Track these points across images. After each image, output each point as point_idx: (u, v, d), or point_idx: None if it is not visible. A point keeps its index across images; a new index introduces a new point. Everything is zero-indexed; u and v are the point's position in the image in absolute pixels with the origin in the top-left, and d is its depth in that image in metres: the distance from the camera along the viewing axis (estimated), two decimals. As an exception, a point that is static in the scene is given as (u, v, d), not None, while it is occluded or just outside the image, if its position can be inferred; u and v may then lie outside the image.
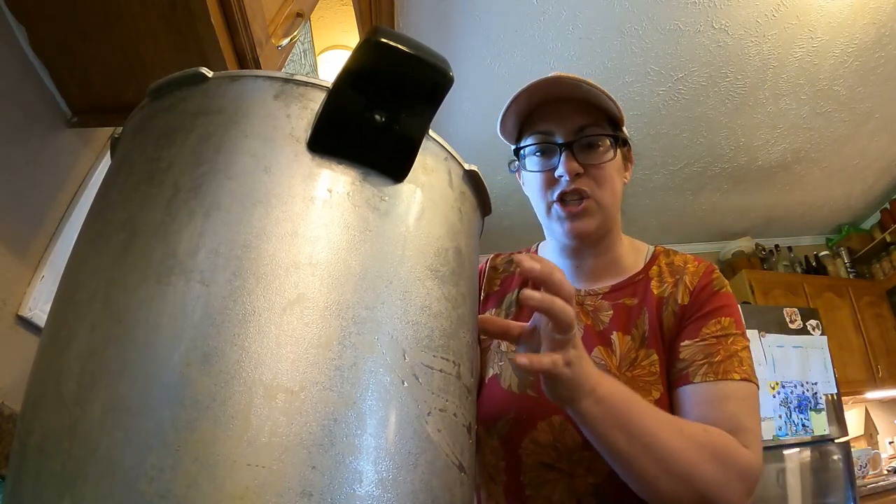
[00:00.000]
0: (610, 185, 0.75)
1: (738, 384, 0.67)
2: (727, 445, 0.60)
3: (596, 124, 0.74)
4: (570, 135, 0.74)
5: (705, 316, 0.72)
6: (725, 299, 0.74)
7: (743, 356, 0.69)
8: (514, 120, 0.78)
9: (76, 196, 0.97)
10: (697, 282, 0.75)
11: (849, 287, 3.68)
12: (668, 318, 0.74)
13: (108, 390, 0.28)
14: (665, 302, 0.75)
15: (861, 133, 3.06)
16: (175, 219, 0.32)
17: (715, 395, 0.67)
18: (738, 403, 0.66)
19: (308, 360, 0.29)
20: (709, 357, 0.69)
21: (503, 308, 0.84)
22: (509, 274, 0.87)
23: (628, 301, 0.76)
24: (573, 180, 0.73)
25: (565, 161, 0.72)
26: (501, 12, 2.20)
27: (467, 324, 0.40)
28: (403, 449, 0.31)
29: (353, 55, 0.35)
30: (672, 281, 0.77)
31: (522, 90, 0.73)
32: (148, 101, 0.41)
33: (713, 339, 0.70)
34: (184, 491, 0.26)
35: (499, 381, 0.77)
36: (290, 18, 0.98)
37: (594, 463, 0.68)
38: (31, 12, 0.79)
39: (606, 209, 0.75)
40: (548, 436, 0.71)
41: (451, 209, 0.41)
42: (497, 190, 3.55)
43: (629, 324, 0.75)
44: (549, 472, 0.70)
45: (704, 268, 0.77)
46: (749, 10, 2.23)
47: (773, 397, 2.64)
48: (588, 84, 0.71)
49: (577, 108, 0.74)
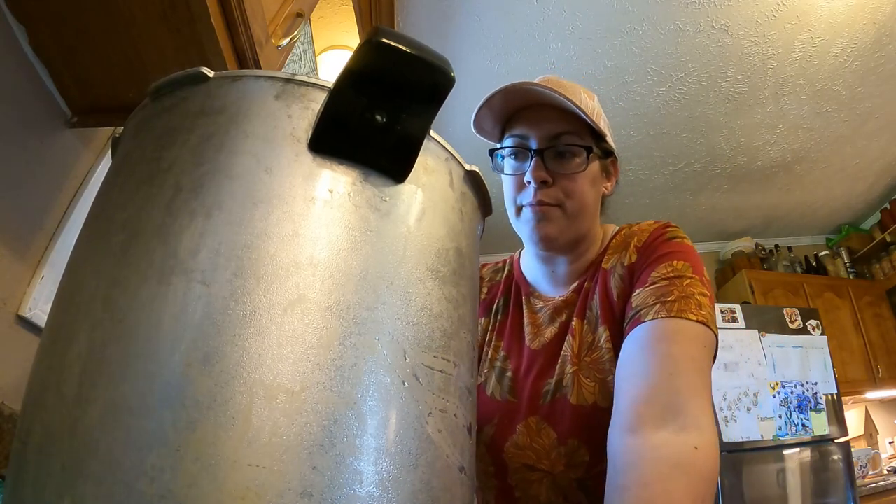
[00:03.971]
0: (579, 195, 0.72)
1: (695, 326, 0.60)
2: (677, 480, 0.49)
3: (574, 133, 0.72)
4: (545, 141, 0.72)
5: (655, 261, 0.68)
6: (679, 246, 0.69)
7: (702, 301, 0.63)
8: (492, 121, 0.77)
9: (76, 196, 0.97)
10: (646, 238, 0.72)
11: (849, 287, 3.69)
12: (616, 286, 0.70)
13: (109, 390, 0.28)
14: (612, 271, 0.73)
15: (861, 133, 3.06)
16: (176, 219, 0.32)
17: (666, 331, 0.60)
18: (690, 357, 0.58)
19: (309, 360, 0.29)
20: (661, 298, 0.63)
21: (490, 317, 0.85)
22: (496, 283, 0.89)
23: (587, 284, 0.76)
24: (539, 188, 0.72)
25: (533, 168, 0.71)
26: (501, 12, 2.20)
27: (468, 324, 0.40)
28: (404, 449, 0.31)
29: (355, 55, 0.35)
30: (622, 247, 0.74)
31: (495, 93, 0.72)
32: (149, 101, 0.41)
33: (664, 280, 0.65)
34: (184, 491, 0.26)
35: (484, 389, 0.78)
36: (290, 18, 0.98)
37: (572, 458, 0.69)
38: (31, 12, 0.79)
39: (574, 218, 0.73)
40: (525, 437, 0.72)
41: (452, 210, 0.41)
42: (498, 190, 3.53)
43: (584, 307, 0.74)
44: (533, 472, 0.71)
45: (658, 226, 0.74)
46: (749, 10, 2.23)
47: (773, 397, 2.64)
48: (561, 94, 0.69)
49: (558, 115, 0.72)
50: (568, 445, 0.69)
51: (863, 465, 3.06)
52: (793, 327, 2.88)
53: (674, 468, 0.50)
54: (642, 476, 0.50)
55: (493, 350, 0.81)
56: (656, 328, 0.61)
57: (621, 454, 0.54)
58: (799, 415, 2.65)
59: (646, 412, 0.55)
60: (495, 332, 0.83)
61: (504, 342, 0.81)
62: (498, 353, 0.80)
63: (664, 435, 0.52)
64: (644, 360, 0.60)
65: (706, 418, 0.54)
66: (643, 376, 0.58)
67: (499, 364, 0.79)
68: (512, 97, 0.73)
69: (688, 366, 0.57)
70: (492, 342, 0.82)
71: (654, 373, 0.57)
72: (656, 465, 0.50)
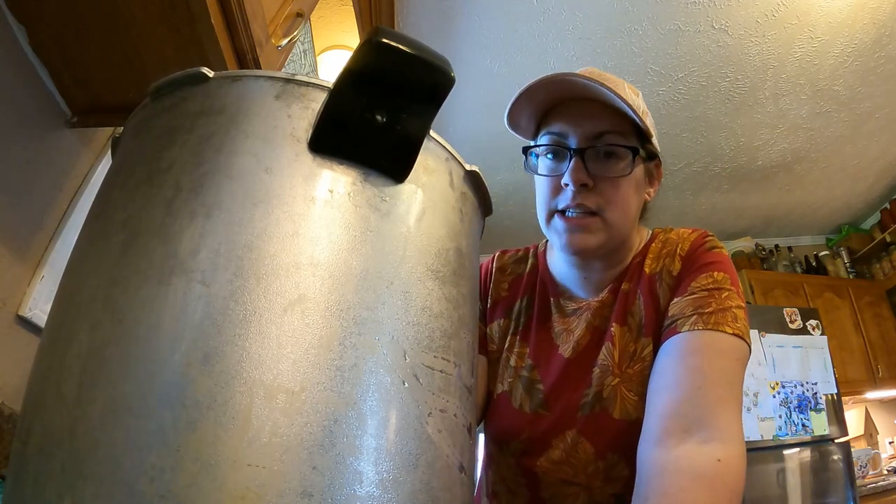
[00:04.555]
0: (622, 202, 0.67)
1: (730, 339, 0.60)
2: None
3: (618, 132, 0.66)
4: (586, 140, 0.66)
5: (696, 271, 0.66)
6: (719, 257, 0.68)
7: (738, 314, 0.62)
8: (528, 115, 0.70)
9: (76, 196, 0.97)
10: (689, 246, 0.70)
11: (849, 287, 3.68)
12: (664, 295, 0.68)
13: (109, 390, 0.28)
14: (658, 277, 0.69)
15: (861, 133, 3.06)
16: (176, 219, 0.32)
17: (700, 344, 0.60)
18: (720, 370, 0.58)
19: (309, 360, 0.29)
20: (699, 309, 0.62)
21: (512, 318, 0.79)
22: (517, 276, 0.82)
23: (626, 286, 0.71)
24: (579, 192, 0.65)
25: (573, 169, 0.65)
26: (501, 12, 2.20)
27: (468, 324, 0.40)
28: (404, 449, 0.31)
29: (355, 55, 0.35)
30: (665, 253, 0.71)
31: (535, 83, 0.65)
32: (149, 100, 0.41)
33: (704, 291, 0.64)
34: (184, 491, 0.26)
35: (510, 400, 0.74)
36: (290, 18, 0.98)
37: (610, 473, 0.66)
38: (31, 12, 0.79)
39: (614, 228, 0.67)
40: (561, 453, 0.68)
41: (452, 210, 0.41)
42: (497, 190, 3.57)
43: (625, 312, 0.69)
44: (569, 487, 0.68)
45: (698, 234, 0.72)
46: (749, 10, 2.23)
47: (773, 397, 2.64)
48: (609, 88, 0.62)
49: (600, 111, 0.66)
50: (607, 460, 0.66)
51: (863, 465, 3.06)
52: (793, 327, 2.88)
53: (695, 480, 0.50)
54: (662, 487, 0.50)
55: (518, 357, 0.75)
56: (691, 340, 0.61)
57: (646, 465, 0.54)
58: (799, 415, 2.65)
59: (672, 425, 0.55)
60: (518, 336, 0.77)
61: (530, 349, 0.75)
62: (524, 360, 0.75)
63: (687, 447, 0.53)
64: (675, 372, 0.60)
65: (733, 431, 0.54)
66: (673, 389, 0.58)
67: (525, 374, 0.74)
68: (553, 88, 0.66)
69: (719, 378, 0.57)
70: (514, 348, 0.76)
71: (683, 386, 0.58)
72: (677, 477, 0.51)
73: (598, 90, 0.63)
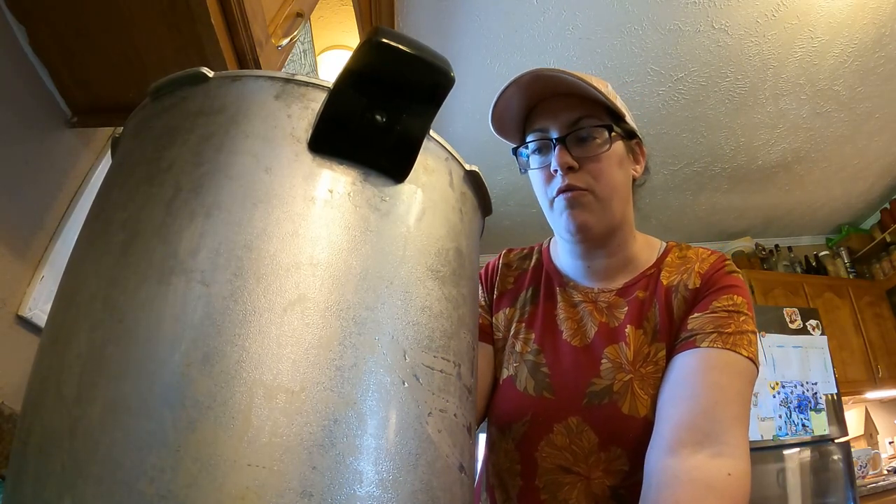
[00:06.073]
0: (607, 177, 0.73)
1: (745, 361, 0.64)
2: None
3: (592, 116, 0.72)
4: (565, 128, 0.72)
5: (717, 291, 0.70)
6: (738, 281, 0.72)
7: (752, 339, 0.66)
8: (513, 122, 0.77)
9: (76, 196, 0.97)
10: (708, 267, 0.74)
11: (849, 287, 3.68)
12: (678, 306, 0.72)
13: (109, 390, 0.28)
14: (675, 289, 0.73)
15: (861, 133, 3.06)
16: (176, 219, 0.32)
17: (719, 362, 0.63)
18: (736, 390, 0.62)
19: (309, 360, 0.29)
20: (719, 328, 0.66)
21: (517, 307, 0.83)
22: (523, 271, 0.86)
23: (640, 294, 0.75)
24: (566, 174, 0.71)
25: (557, 155, 0.71)
26: (501, 12, 2.20)
27: (468, 324, 0.40)
28: (404, 449, 0.31)
29: (355, 55, 0.35)
30: (683, 269, 0.75)
31: (506, 90, 0.72)
32: (149, 100, 0.41)
33: (724, 312, 0.67)
34: (184, 491, 0.26)
35: (514, 383, 0.76)
36: (290, 18, 0.98)
37: (611, 464, 0.67)
38: (31, 12, 0.79)
39: (606, 202, 0.73)
40: (564, 438, 0.70)
41: (452, 209, 0.41)
42: (497, 190, 3.56)
43: (641, 317, 0.73)
44: (566, 475, 0.69)
45: (717, 256, 0.76)
46: (749, 10, 2.23)
47: (773, 397, 2.64)
48: (571, 75, 0.69)
49: (572, 103, 0.73)
50: (610, 452, 0.68)
51: (863, 465, 3.06)
52: (793, 327, 2.88)
53: (706, 491, 0.53)
54: (675, 495, 0.53)
55: (524, 343, 0.79)
56: (710, 357, 0.64)
57: (658, 473, 0.57)
58: (799, 415, 2.65)
59: (687, 436, 0.58)
60: (524, 323, 0.81)
61: (536, 334, 0.78)
62: (529, 345, 0.78)
63: (700, 458, 0.55)
64: (693, 385, 0.63)
65: (742, 449, 0.57)
66: (690, 401, 0.61)
67: (531, 358, 0.77)
68: (525, 89, 0.72)
69: (734, 397, 0.61)
70: (520, 334, 0.80)
71: (701, 400, 0.60)
72: (690, 487, 0.53)
73: (566, 80, 0.70)
